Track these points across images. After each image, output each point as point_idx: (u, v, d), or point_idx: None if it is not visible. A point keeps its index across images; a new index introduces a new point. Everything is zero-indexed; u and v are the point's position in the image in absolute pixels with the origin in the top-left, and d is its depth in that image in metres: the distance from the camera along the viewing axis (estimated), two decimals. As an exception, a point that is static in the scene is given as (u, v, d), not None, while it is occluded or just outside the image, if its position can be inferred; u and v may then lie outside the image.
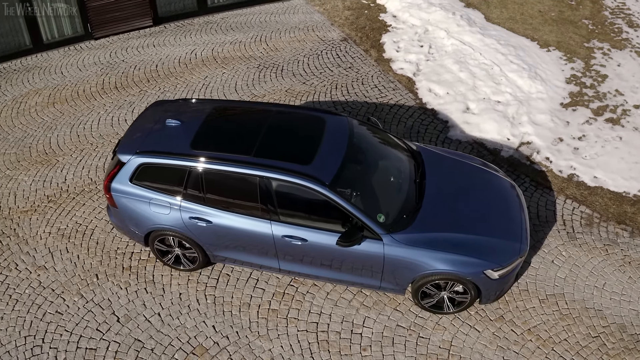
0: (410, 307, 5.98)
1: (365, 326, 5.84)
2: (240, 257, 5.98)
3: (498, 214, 5.86)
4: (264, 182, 5.51)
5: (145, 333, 5.77)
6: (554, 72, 9.26)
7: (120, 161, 5.95)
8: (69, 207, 7.15)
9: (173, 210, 5.81)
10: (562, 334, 5.70)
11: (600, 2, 10.95)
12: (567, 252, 6.48)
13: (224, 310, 5.99)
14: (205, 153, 5.69)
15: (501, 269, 5.46)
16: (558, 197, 7.16)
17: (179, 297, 6.11)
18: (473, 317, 5.87)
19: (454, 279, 5.48)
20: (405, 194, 5.85)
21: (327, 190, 5.39)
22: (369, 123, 6.54)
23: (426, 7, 10.92)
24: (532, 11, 10.73)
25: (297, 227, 5.57)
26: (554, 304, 5.97)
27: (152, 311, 5.97)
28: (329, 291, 6.16)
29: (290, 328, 5.84)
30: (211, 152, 5.69)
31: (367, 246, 5.48)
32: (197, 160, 5.65)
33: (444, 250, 5.42)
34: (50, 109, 8.83)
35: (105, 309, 5.99)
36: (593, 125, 8.19)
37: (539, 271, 6.29)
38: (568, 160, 7.62)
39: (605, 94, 8.75)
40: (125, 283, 6.24)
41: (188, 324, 5.86)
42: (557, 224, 6.82)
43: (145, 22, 10.81)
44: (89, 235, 6.78)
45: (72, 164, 7.79)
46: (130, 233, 6.19)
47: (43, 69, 9.77)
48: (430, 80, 9.19)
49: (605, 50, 9.71)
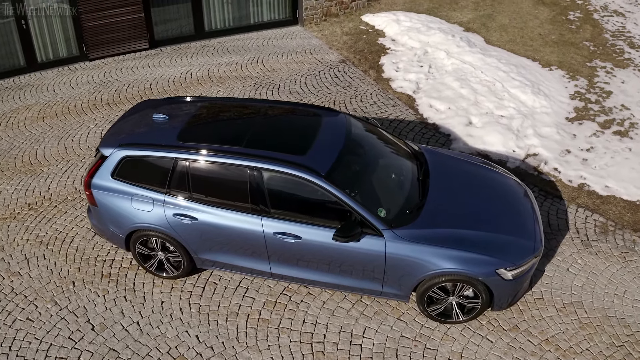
0: (415, 316, 5.45)
1: (366, 337, 5.29)
2: (227, 259, 5.50)
3: (509, 212, 5.44)
4: (254, 173, 5.11)
5: (121, 342, 5.22)
6: (557, 88, 9.04)
7: (102, 156, 5.57)
8: (50, 214, 6.72)
9: (156, 207, 5.38)
10: (584, 344, 5.16)
11: (600, 25, 10.89)
12: (583, 260, 6.00)
13: (209, 320, 5.45)
14: (193, 144, 5.33)
15: (515, 269, 4.98)
16: (569, 206, 6.74)
17: (161, 305, 5.59)
18: (485, 327, 5.34)
19: (463, 280, 4.98)
20: (407, 191, 5.44)
21: (322, 181, 4.99)
22: (369, 122, 6.21)
23: (425, 31, 10.84)
24: (532, 34, 10.65)
25: (290, 222, 5.12)
26: (572, 312, 5.45)
27: (130, 320, 5.44)
28: (325, 300, 5.64)
29: (282, 338, 5.29)
30: (199, 144, 5.33)
31: (366, 243, 5.01)
32: (183, 152, 5.27)
33: (451, 247, 4.96)
34: (40, 123, 8.54)
35: (80, 316, 5.46)
36: (601, 138, 7.87)
37: (553, 279, 5.79)
38: (577, 171, 7.25)
39: (611, 109, 8.49)
40: (104, 290, 5.73)
41: (169, 334, 5.31)
42: (570, 232, 6.38)
43: (141, 44, 10.70)
44: (68, 242, 6.31)
45: (56, 173, 7.42)
46: (111, 236, 5.73)
47: (35, 87, 9.56)
48: (430, 96, 8.95)
49: (608, 69, 9.53)
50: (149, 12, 10.51)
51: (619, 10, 11.44)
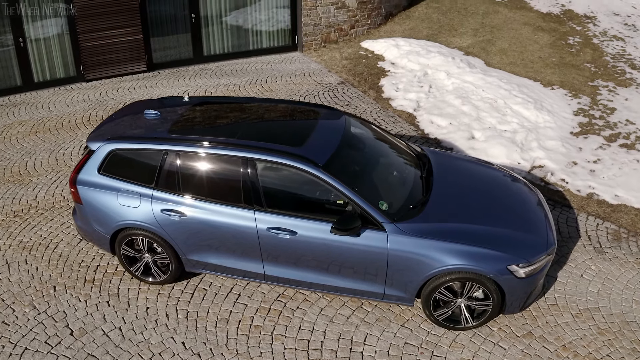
0: (420, 323, 5.06)
1: (367, 344, 4.88)
2: (218, 260, 5.14)
3: (518, 209, 5.14)
4: (247, 164, 4.84)
5: (101, 348, 4.81)
6: (560, 105, 8.88)
7: (89, 152, 5.32)
8: (35, 221, 6.40)
9: (144, 202, 5.08)
10: (604, 350, 4.75)
11: (600, 49, 10.86)
12: (597, 267, 5.65)
13: (197, 326, 5.05)
14: (184, 137, 5.08)
15: (528, 265, 4.64)
16: (579, 214, 6.44)
17: (146, 311, 5.20)
18: (496, 334, 4.93)
19: (472, 278, 4.62)
20: (410, 187, 5.16)
21: (320, 171, 4.71)
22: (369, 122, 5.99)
23: (425, 54, 10.80)
24: (533, 57, 10.60)
25: (284, 217, 4.80)
26: (589, 318, 5.06)
27: (112, 325, 5.04)
28: (322, 307, 5.25)
29: (275, 345, 4.88)
30: (190, 136, 5.08)
31: (367, 238, 4.68)
32: (174, 143, 5.02)
33: (459, 242, 4.62)
34: (32, 137, 8.33)
35: (59, 321, 5.07)
36: (607, 150, 7.64)
37: (567, 286, 5.43)
38: (585, 181, 6.98)
39: (616, 123, 8.30)
40: (86, 295, 5.35)
41: (153, 340, 4.91)
42: (581, 239, 6.05)
43: (139, 67, 10.63)
44: (52, 248, 5.97)
45: (45, 183, 7.14)
46: (96, 237, 5.40)
47: (30, 105, 9.41)
48: (431, 113, 8.78)
49: (610, 87, 9.41)
50: (147, 34, 10.50)
51: (619, 35, 11.46)
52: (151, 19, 10.43)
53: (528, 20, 12.08)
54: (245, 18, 11.30)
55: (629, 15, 12.34)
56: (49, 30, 9.70)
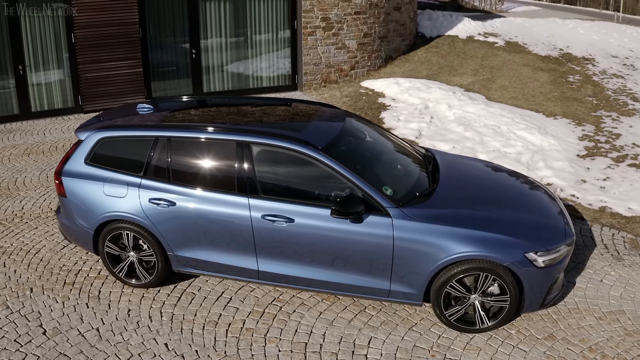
0: (430, 326, 4.59)
1: (372, 347, 4.40)
2: (208, 256, 4.73)
3: (531, 200, 4.84)
4: (242, 148, 4.56)
5: (75, 347, 4.33)
6: (564, 132, 8.71)
7: (78, 141, 5.06)
8: (19, 229, 6.05)
9: (131, 191, 4.75)
10: (634, 350, 4.27)
11: (601, 85, 10.85)
12: (616, 272, 5.25)
13: (182, 328, 4.59)
14: (177, 123, 4.85)
15: (547, 254, 4.25)
16: (593, 226, 6.09)
17: (127, 313, 4.75)
18: (515, 337, 4.46)
19: (486, 268, 4.22)
20: (415, 179, 4.86)
21: (319, 153, 4.44)
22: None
23: (425, 89, 10.78)
24: (534, 92, 10.57)
25: (281, 202, 4.46)
26: (614, 320, 4.61)
27: (89, 326, 4.58)
28: (322, 310, 4.80)
29: (269, 348, 4.39)
30: (183, 122, 4.85)
31: (371, 225, 4.32)
32: (165, 129, 4.78)
33: (471, 227, 4.26)
34: (25, 158, 8.11)
35: (32, 320, 4.61)
36: (616, 170, 7.38)
37: (587, 291, 5.00)
38: (596, 196, 6.68)
39: (622, 146, 8.09)
40: (64, 297, 4.92)
41: (133, 341, 4.43)
42: (597, 248, 5.67)
43: (138, 100, 10.56)
44: (33, 253, 5.59)
45: (33, 197, 6.83)
46: (79, 234, 5.03)
47: (26, 132, 9.25)
48: (434, 139, 8.60)
49: (613, 117, 9.29)
50: (148, 67, 10.51)
51: (618, 74, 11.50)
52: (152, 53, 10.47)
53: (527, 62, 12.18)
54: (246, 53, 11.38)
55: (627, 57, 12.47)
56: (49, 59, 9.70)
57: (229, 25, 11.04)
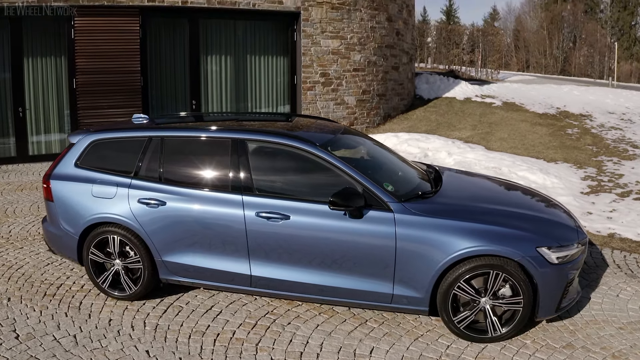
0: (437, 337, 4.21)
1: (374, 356, 4.01)
2: (197, 260, 4.43)
3: (539, 204, 4.62)
4: (238, 146, 4.40)
5: (47, 352, 3.95)
6: (567, 173, 8.59)
7: (70, 145, 4.92)
8: (3, 249, 5.77)
9: (120, 191, 4.54)
10: (661, 356, 3.88)
11: (600, 136, 10.86)
12: (632, 288, 4.94)
13: (166, 337, 4.21)
14: (170, 124, 4.74)
15: (560, 250, 3.97)
16: (603, 249, 5.82)
17: (108, 322, 4.39)
18: (530, 346, 4.07)
19: (496, 265, 3.92)
20: (417, 182, 4.67)
21: (317, 149, 4.28)
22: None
23: (424, 140, 10.78)
24: (533, 143, 10.56)
25: (276, 199, 4.24)
26: (636, 330, 4.26)
27: (66, 332, 4.21)
28: (319, 323, 4.43)
29: (260, 356, 4.00)
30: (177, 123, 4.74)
31: (371, 221, 4.07)
32: (159, 130, 4.65)
33: (477, 221, 4.01)
34: (17, 192, 7.94)
35: (5, 326, 4.27)
36: (621, 203, 7.19)
37: (604, 304, 4.67)
38: (604, 224, 6.45)
39: (626, 184, 7.94)
40: (42, 306, 4.58)
41: (111, 347, 4.05)
42: (610, 267, 5.39)
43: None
44: (15, 269, 5.30)
45: (22, 223, 6.61)
46: (63, 241, 4.76)
47: (21, 172, 9.15)
48: (434, 180, 8.46)
49: (615, 161, 9.21)
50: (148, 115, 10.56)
51: (616, 127, 11.57)
52: (152, 101, 10.58)
53: (525, 119, 12.30)
54: (247, 106, 11.49)
55: (624, 113, 12.61)
56: (49, 103, 9.78)
57: (229, 78, 11.25)
